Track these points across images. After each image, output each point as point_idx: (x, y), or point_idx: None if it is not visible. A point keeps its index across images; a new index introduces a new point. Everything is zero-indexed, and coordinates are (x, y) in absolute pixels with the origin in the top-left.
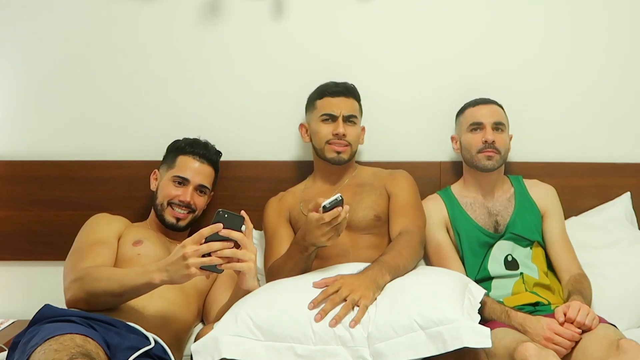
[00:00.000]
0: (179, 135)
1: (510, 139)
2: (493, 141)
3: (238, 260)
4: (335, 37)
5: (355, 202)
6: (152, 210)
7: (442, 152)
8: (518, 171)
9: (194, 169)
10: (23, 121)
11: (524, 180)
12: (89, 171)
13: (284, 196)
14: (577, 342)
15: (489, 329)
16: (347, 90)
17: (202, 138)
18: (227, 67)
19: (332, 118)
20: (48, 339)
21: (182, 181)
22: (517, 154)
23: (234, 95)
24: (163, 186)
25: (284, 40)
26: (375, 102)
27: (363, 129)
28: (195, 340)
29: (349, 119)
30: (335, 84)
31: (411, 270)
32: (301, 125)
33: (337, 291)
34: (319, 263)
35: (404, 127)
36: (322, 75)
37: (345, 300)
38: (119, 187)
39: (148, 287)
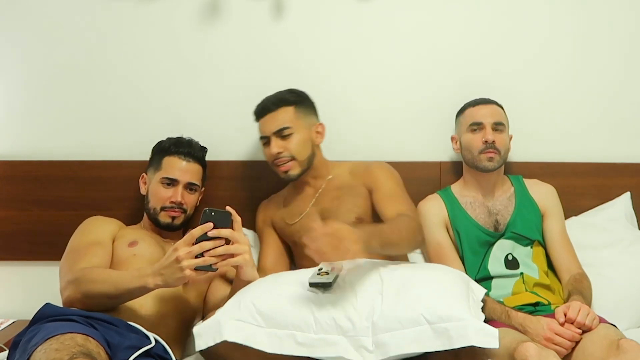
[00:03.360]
0: (180, 135)
1: (510, 139)
2: (493, 141)
3: (232, 256)
4: (336, 37)
5: (334, 208)
6: (145, 214)
7: (442, 152)
8: (518, 171)
9: (181, 169)
10: (23, 121)
11: (524, 180)
12: (89, 171)
13: (271, 200)
14: (577, 342)
15: (497, 329)
16: (273, 104)
17: (186, 136)
18: (227, 67)
19: (267, 140)
20: (49, 338)
21: (171, 182)
22: (517, 154)
23: (234, 95)
24: (153, 190)
25: (284, 40)
26: (375, 102)
27: (317, 126)
28: None
29: (280, 133)
30: (259, 105)
31: (405, 254)
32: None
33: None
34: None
35: (404, 127)
36: (322, 75)
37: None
38: (119, 187)
39: (142, 290)
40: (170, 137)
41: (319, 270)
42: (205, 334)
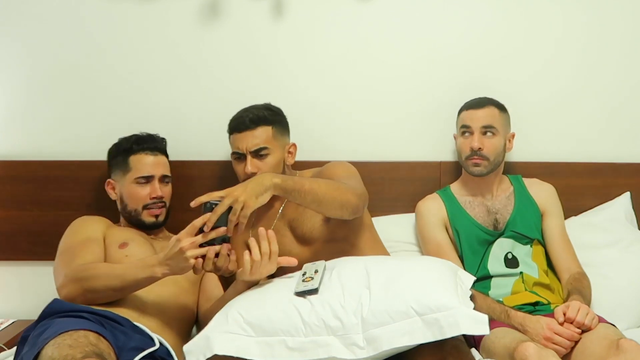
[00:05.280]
0: (179, 135)
1: (513, 137)
2: (479, 148)
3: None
4: (336, 37)
5: (300, 215)
6: (122, 217)
7: (442, 152)
8: (518, 171)
9: (152, 164)
10: (23, 121)
11: (523, 179)
12: (89, 171)
13: None
14: (576, 342)
15: (486, 315)
16: (252, 121)
17: (141, 132)
18: (227, 67)
19: (240, 156)
20: (61, 333)
21: (146, 179)
22: (517, 154)
23: (233, 95)
24: (128, 192)
25: (284, 40)
26: (375, 102)
27: (290, 147)
28: None
29: (257, 153)
30: (235, 119)
31: (325, 205)
32: None
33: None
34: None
35: (404, 127)
36: (322, 75)
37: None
38: None
39: (150, 280)
40: (122, 137)
41: (303, 275)
42: (195, 350)
